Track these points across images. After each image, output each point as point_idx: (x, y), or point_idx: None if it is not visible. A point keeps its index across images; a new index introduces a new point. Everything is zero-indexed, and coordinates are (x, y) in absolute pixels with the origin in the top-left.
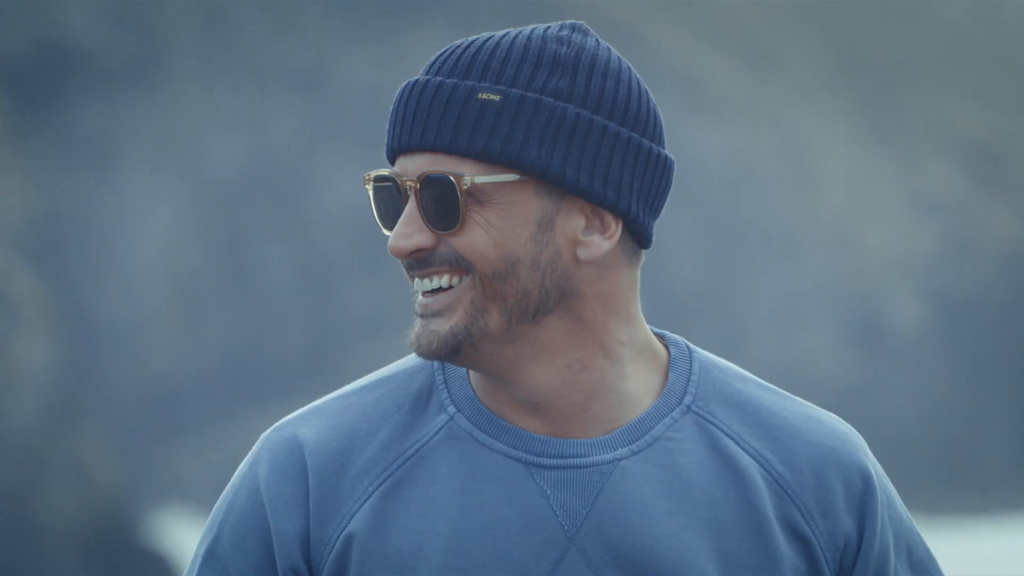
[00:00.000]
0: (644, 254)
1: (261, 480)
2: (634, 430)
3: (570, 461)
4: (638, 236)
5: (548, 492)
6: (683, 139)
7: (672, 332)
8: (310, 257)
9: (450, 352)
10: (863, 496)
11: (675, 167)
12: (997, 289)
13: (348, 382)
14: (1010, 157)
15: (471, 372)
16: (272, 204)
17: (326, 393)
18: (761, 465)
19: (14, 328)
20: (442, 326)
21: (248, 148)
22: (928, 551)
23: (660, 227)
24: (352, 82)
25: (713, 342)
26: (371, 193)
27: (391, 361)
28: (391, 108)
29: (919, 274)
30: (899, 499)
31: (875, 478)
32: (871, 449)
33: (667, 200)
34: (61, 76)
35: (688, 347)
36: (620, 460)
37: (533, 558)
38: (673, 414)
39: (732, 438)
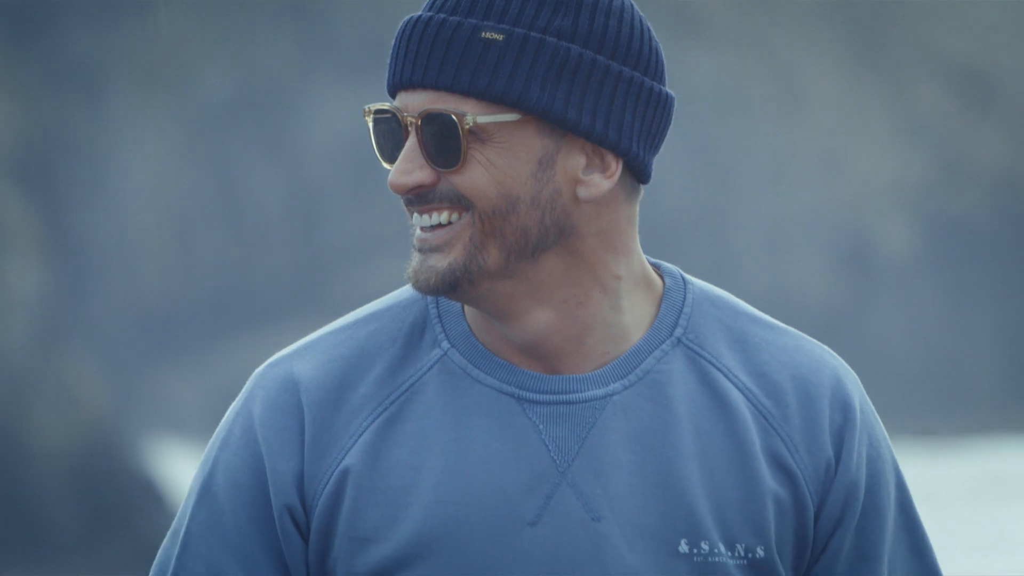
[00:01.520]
0: (643, 188)
1: (256, 418)
2: (625, 364)
3: (562, 397)
4: (638, 173)
5: (540, 427)
6: (673, 65)
7: (662, 259)
8: (299, 183)
9: (448, 288)
10: (842, 428)
11: (675, 103)
12: (985, 213)
13: (336, 307)
14: (999, 82)
15: (466, 307)
16: (261, 130)
17: (315, 317)
18: (748, 398)
19: (3, 253)
20: (440, 262)
21: (237, 74)
22: (911, 510)
23: None
24: (343, 8)
25: (703, 268)
26: (371, 126)
27: (379, 287)
28: (393, 43)
29: (908, 199)
30: (887, 444)
31: (857, 413)
32: (861, 372)
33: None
34: (51, 2)
35: (683, 278)
36: (612, 395)
37: (524, 492)
38: (663, 347)
39: (721, 371)
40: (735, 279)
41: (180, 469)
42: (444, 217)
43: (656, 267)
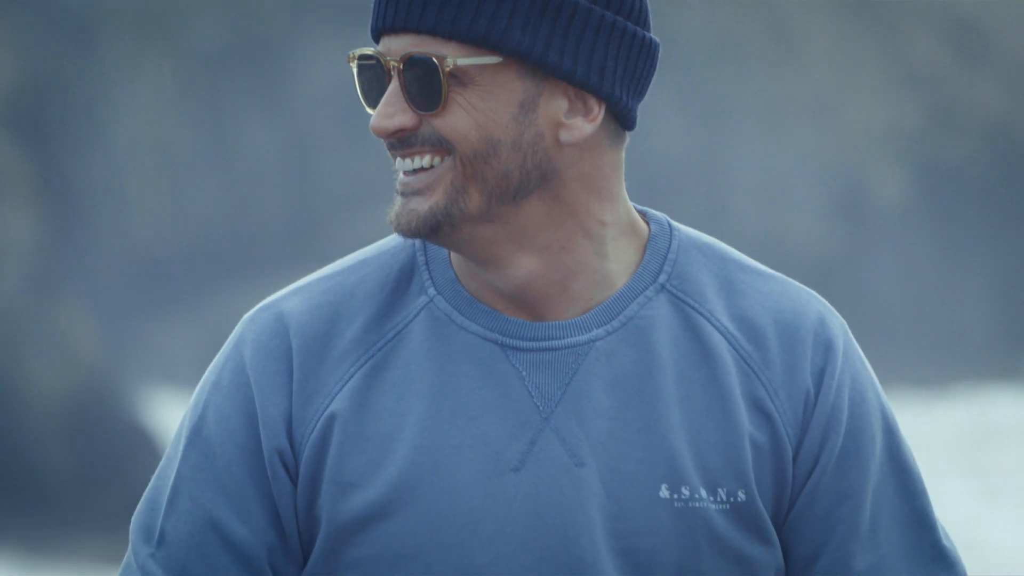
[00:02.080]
0: (628, 135)
1: (247, 360)
2: (609, 310)
3: (545, 343)
4: (622, 119)
5: (523, 374)
6: (666, 12)
7: (655, 206)
8: (293, 131)
9: (429, 231)
10: (823, 369)
11: (660, 50)
12: (979, 162)
13: (330, 255)
14: (993, 31)
15: (452, 254)
16: (255, 78)
17: (308, 266)
18: (730, 343)
19: None
20: (422, 205)
21: (231, 22)
22: (900, 455)
23: (643, 101)
24: None
25: (696, 216)
26: (355, 72)
27: (372, 235)
28: None
29: (902, 147)
30: (873, 388)
31: (839, 354)
32: (854, 320)
33: (652, 81)
34: None
35: (670, 225)
36: (595, 341)
37: (508, 439)
38: (647, 292)
39: (704, 316)
40: (728, 227)
41: (173, 416)
42: (426, 161)
43: (643, 214)
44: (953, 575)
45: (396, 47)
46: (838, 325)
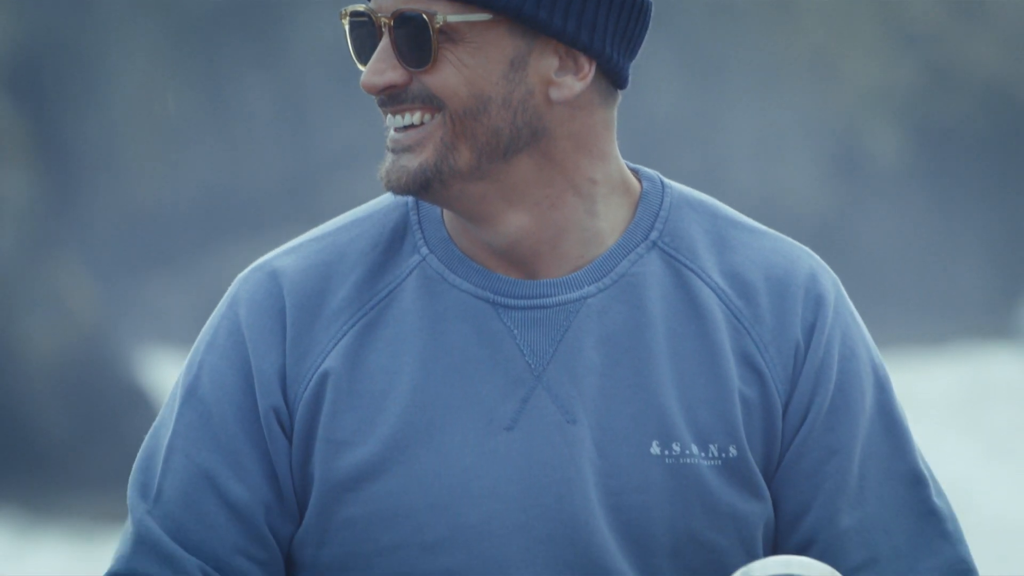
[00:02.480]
0: (621, 94)
1: (242, 319)
2: (600, 267)
3: (537, 301)
4: (613, 77)
5: (515, 332)
6: None
7: (651, 165)
8: (288, 89)
9: (419, 188)
10: (813, 323)
11: (652, 8)
12: (975, 120)
13: (325, 214)
14: None
15: (445, 213)
16: (251, 37)
17: (304, 225)
18: (721, 299)
19: None
20: (412, 162)
21: None
22: (892, 411)
23: (638, 59)
24: None
25: (692, 174)
26: (347, 28)
27: (368, 194)
28: None
29: (898, 105)
30: (864, 344)
31: (830, 309)
32: (850, 278)
33: (644, 41)
34: None
35: (662, 181)
36: (586, 298)
37: (500, 397)
38: (638, 249)
39: (696, 273)
40: (724, 185)
41: (168, 375)
42: (416, 117)
43: (635, 172)
44: (943, 532)
45: (387, 3)
46: (829, 280)
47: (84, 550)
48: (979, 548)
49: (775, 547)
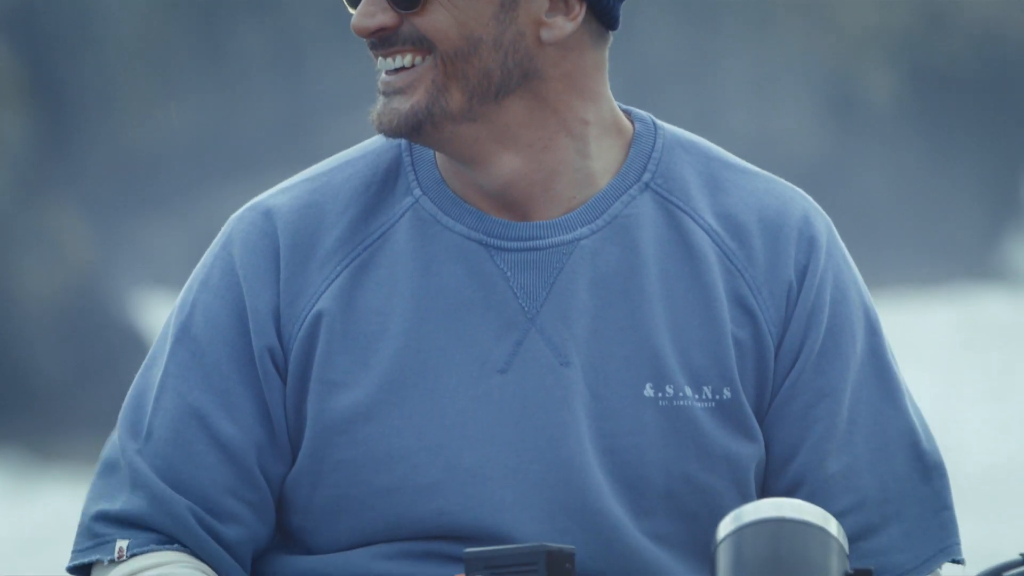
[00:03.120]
0: (613, 35)
1: (236, 259)
2: (593, 208)
3: (530, 243)
4: (604, 18)
5: (508, 274)
6: None
7: (644, 107)
8: (283, 32)
9: (410, 130)
10: (806, 265)
11: None
12: (969, 62)
13: (320, 157)
14: None
15: (438, 155)
16: None
17: (298, 168)
18: (714, 240)
19: None
20: (403, 104)
21: None
22: (883, 355)
23: (627, 1)
24: None
25: (687, 116)
26: None
27: (362, 136)
28: None
29: (893, 47)
30: (856, 288)
31: (823, 251)
32: (845, 220)
33: None
34: None
35: (654, 123)
36: (579, 240)
37: (494, 340)
38: (631, 191)
39: (689, 214)
40: (719, 128)
41: (163, 317)
42: (407, 60)
43: (628, 113)
44: (928, 479)
45: None
46: (822, 222)
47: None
48: (969, 489)
49: (763, 489)
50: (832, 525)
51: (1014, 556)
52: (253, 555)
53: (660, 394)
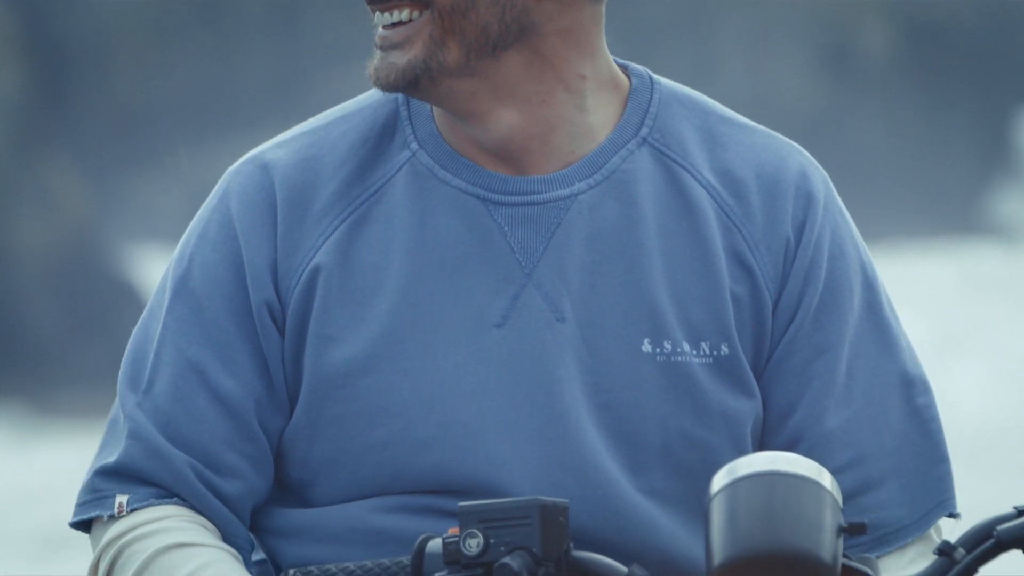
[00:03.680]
0: None
1: (233, 212)
2: (591, 163)
3: (527, 198)
4: None
5: (506, 229)
6: None
7: (639, 62)
8: None
9: (407, 84)
10: (803, 221)
11: None
12: (965, 16)
13: (315, 111)
14: None
15: (435, 110)
16: None
17: (293, 122)
18: (712, 196)
19: None
20: (400, 59)
21: None
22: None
23: None
24: None
25: (682, 71)
26: None
27: (358, 90)
28: None
29: (888, 2)
30: (853, 242)
31: (820, 207)
32: (841, 173)
33: None
34: None
35: (651, 77)
36: (577, 195)
37: (490, 294)
38: (629, 146)
39: (686, 169)
40: (713, 82)
41: (158, 271)
42: (404, 14)
43: (624, 68)
44: (926, 432)
45: None
46: (820, 178)
47: (87, 445)
48: (961, 442)
49: (762, 446)
50: (826, 479)
51: (1008, 509)
52: (252, 509)
53: (657, 350)
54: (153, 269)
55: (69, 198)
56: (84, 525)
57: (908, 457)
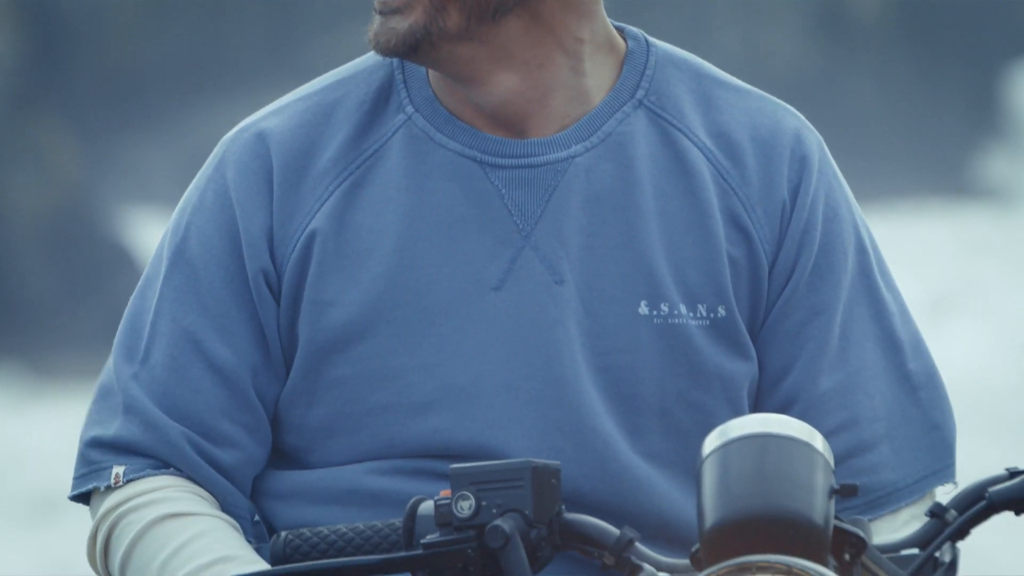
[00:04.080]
0: None
1: (229, 181)
2: (587, 126)
3: (524, 160)
4: None
5: (503, 191)
6: None
7: (633, 24)
8: None
9: (408, 50)
10: (798, 184)
11: None
12: None
13: (310, 73)
14: None
15: (431, 73)
16: None
17: (288, 85)
18: (708, 159)
19: None
20: (400, 24)
21: None
22: (871, 273)
23: None
24: None
25: (675, 34)
26: None
27: (353, 53)
28: None
29: None
30: (847, 206)
31: (815, 170)
32: (835, 136)
33: None
34: None
35: (646, 40)
36: (574, 157)
37: (488, 258)
38: (625, 108)
39: (683, 132)
40: (707, 45)
41: (152, 234)
42: None
43: (620, 30)
44: (915, 400)
45: None
46: (814, 141)
47: (83, 407)
48: (954, 403)
49: (756, 408)
50: (818, 441)
51: (999, 471)
52: (252, 477)
53: (655, 312)
54: (147, 231)
55: (63, 161)
56: (83, 497)
57: (899, 423)
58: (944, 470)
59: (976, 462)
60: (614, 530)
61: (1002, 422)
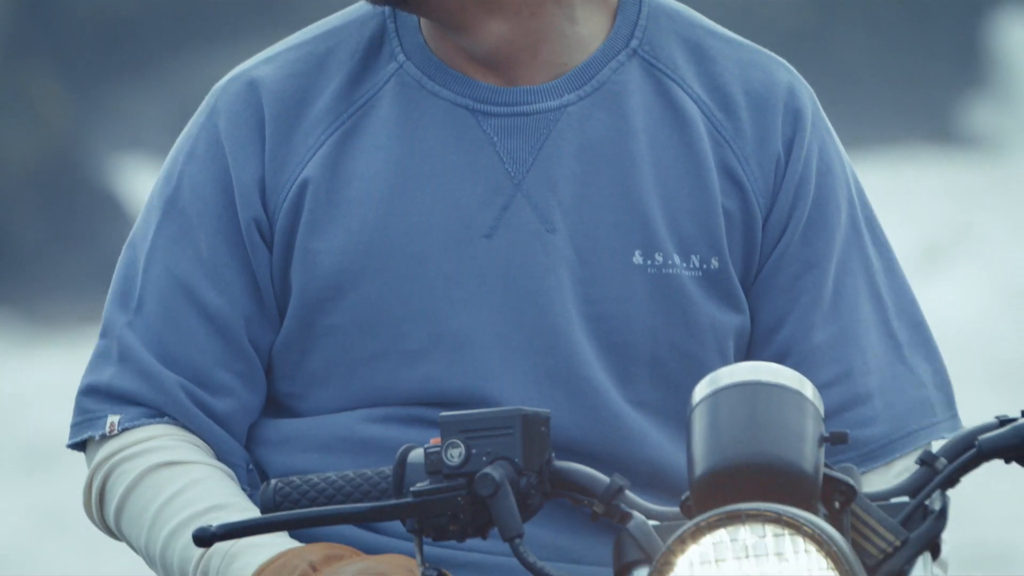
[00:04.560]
0: None
1: (221, 129)
2: (581, 75)
3: (517, 108)
4: None
5: (495, 139)
6: None
7: None
8: None
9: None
10: (792, 138)
11: None
12: None
13: (300, 21)
14: None
15: (422, 21)
16: None
17: (279, 33)
18: (702, 111)
19: None
20: None
21: None
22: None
23: None
24: None
25: None
26: None
27: (344, 3)
28: None
29: None
30: (840, 160)
31: (808, 124)
32: (827, 87)
33: None
34: None
35: None
36: (567, 106)
37: (479, 205)
38: (619, 57)
39: (677, 82)
40: None
41: (142, 182)
42: None
43: None
44: (900, 357)
45: None
46: (807, 95)
47: (74, 354)
48: (945, 353)
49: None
50: (808, 389)
51: (989, 419)
52: (247, 425)
53: (648, 261)
54: (136, 180)
55: (54, 109)
56: (80, 445)
57: (888, 376)
58: (932, 427)
59: (970, 409)
60: (604, 478)
61: (992, 369)
